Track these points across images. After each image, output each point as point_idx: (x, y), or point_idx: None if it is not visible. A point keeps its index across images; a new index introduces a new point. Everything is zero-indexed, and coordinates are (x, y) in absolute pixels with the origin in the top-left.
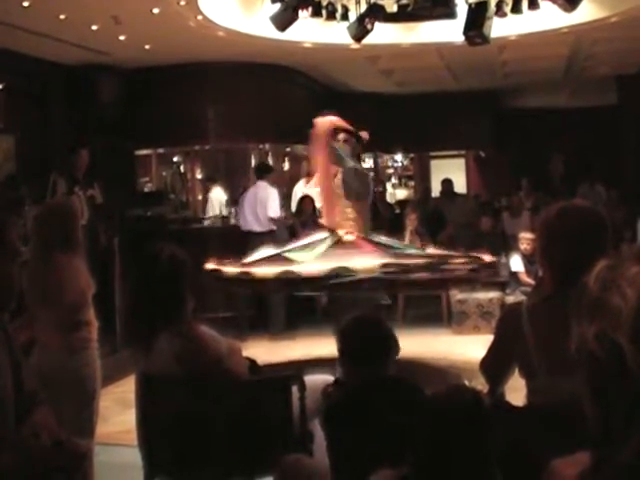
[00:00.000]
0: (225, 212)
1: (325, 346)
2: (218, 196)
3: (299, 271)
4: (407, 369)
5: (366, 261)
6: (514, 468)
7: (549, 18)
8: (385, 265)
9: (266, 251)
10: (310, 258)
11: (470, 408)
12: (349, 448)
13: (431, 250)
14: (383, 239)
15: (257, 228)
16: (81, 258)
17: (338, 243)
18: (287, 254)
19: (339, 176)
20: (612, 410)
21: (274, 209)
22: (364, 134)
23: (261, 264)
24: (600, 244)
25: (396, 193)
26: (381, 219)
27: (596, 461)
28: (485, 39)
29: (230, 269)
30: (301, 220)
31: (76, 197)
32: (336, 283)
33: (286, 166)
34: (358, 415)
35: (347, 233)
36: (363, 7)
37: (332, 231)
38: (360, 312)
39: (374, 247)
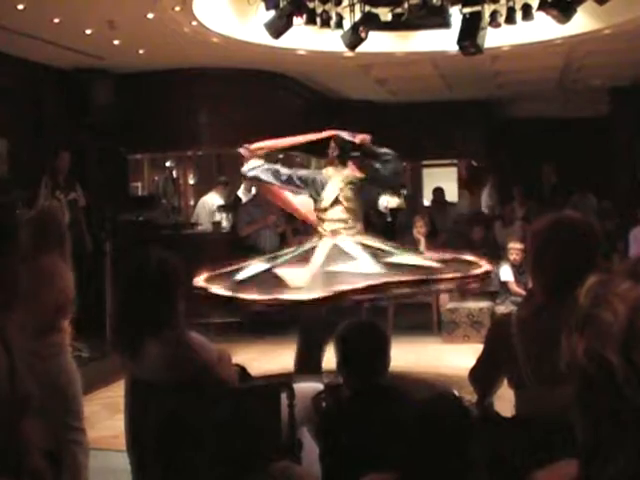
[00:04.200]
0: (216, 218)
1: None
2: (211, 201)
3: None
4: (396, 378)
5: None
6: (501, 478)
7: (543, 29)
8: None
9: (257, 267)
10: (301, 279)
11: (455, 416)
12: (342, 456)
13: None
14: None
15: None
16: (66, 264)
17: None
18: (278, 271)
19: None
20: (601, 425)
21: None
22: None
23: (251, 286)
24: (591, 256)
25: (389, 201)
26: (373, 227)
27: (584, 476)
28: (479, 49)
29: (219, 290)
30: (293, 227)
31: (56, 201)
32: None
33: None
34: (351, 424)
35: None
36: (357, 15)
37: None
38: (357, 318)
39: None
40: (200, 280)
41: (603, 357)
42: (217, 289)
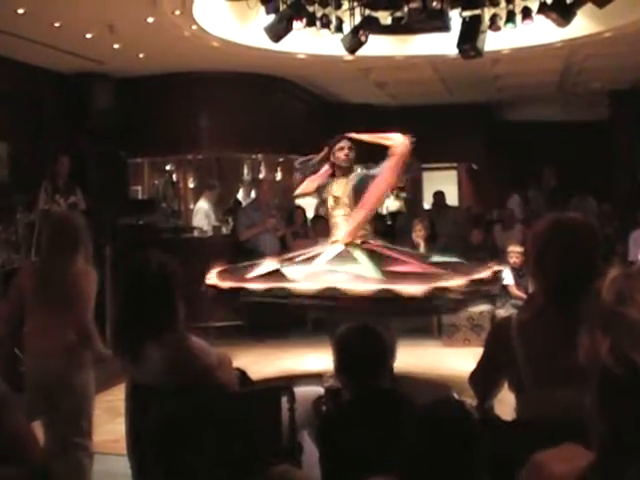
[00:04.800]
0: (213, 222)
1: (315, 358)
2: (204, 205)
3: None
4: (397, 381)
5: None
6: None
7: (543, 32)
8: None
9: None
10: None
11: (457, 420)
12: (342, 460)
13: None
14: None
15: None
16: (90, 266)
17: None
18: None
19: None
20: (621, 426)
21: None
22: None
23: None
24: (591, 257)
25: (388, 204)
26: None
27: (601, 476)
28: (479, 52)
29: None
30: (292, 231)
31: (56, 205)
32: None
33: (279, 176)
34: (352, 428)
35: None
36: (357, 19)
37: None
38: (356, 321)
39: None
40: (212, 277)
41: (629, 357)
42: (227, 283)
